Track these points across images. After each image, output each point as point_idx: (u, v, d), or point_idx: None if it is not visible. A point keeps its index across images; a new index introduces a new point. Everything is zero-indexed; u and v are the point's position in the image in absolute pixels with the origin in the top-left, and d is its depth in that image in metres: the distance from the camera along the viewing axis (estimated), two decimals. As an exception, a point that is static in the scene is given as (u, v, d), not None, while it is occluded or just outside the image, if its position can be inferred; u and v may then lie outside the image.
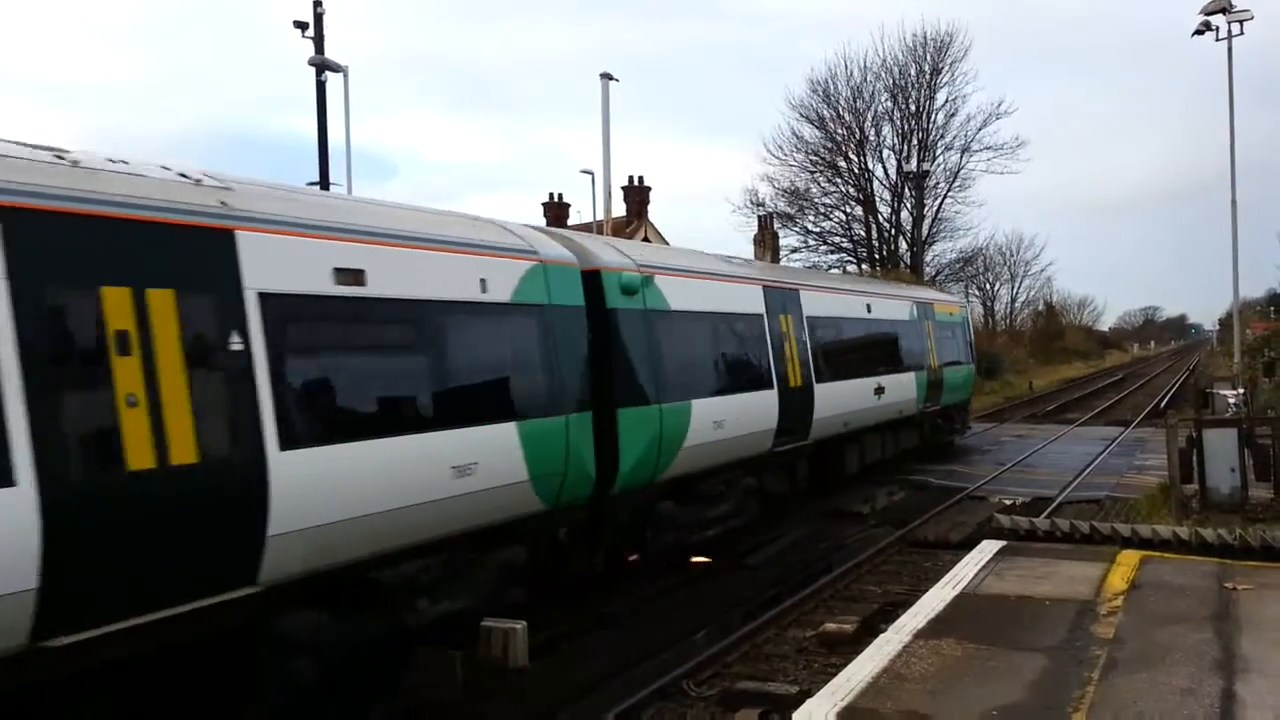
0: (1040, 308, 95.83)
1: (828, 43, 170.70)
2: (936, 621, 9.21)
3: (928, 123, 55.22)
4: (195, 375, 6.92)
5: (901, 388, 21.37)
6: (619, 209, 40.27)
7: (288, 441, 7.45)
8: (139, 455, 6.48)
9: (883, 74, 54.70)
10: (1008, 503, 18.52)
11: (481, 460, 9.34)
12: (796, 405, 16.06)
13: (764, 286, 16.15)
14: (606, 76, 28.91)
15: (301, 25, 23.45)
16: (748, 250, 49.78)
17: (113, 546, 6.33)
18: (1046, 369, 70.80)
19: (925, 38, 54.49)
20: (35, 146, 6.84)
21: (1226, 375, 35.90)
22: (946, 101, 55.18)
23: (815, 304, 17.79)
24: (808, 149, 55.51)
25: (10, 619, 5.83)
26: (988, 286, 79.63)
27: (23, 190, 6.20)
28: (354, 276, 8.33)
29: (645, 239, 38.75)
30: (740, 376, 14.73)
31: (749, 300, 15.44)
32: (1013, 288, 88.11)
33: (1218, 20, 28.42)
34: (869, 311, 20.60)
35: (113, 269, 6.55)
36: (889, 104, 55.28)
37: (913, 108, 55.03)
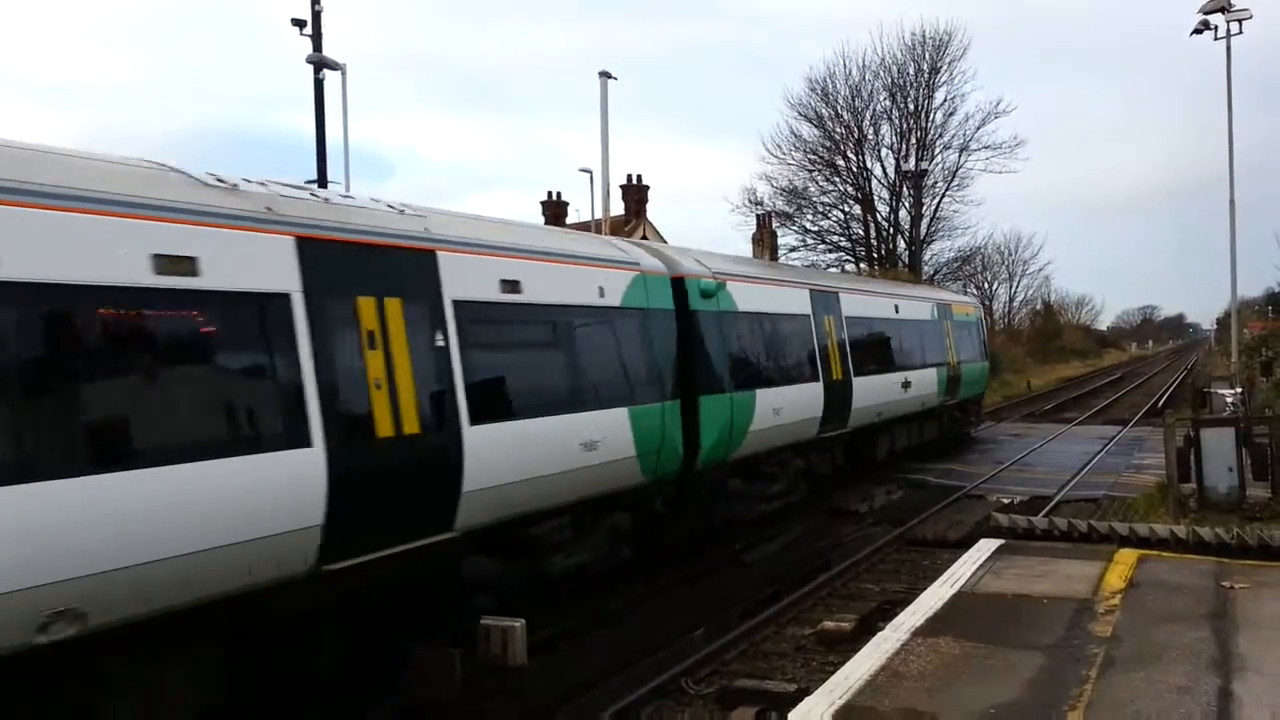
0: (1038, 307, 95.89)
1: (827, 42, 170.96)
2: (934, 620, 9.22)
3: (926, 122, 55.20)
4: (416, 365, 8.87)
5: (925, 382, 23.01)
6: (617, 208, 40.32)
7: (475, 418, 9.42)
8: (384, 426, 8.43)
9: (881, 73, 54.68)
10: (1006, 501, 18.54)
11: (602, 438, 11.28)
12: (838, 396, 17.82)
13: (810, 290, 18.05)
14: (605, 75, 28.90)
15: (299, 23, 23.42)
16: (746, 249, 49.80)
17: (367, 494, 8.14)
18: (1044, 368, 70.82)
19: (924, 37, 54.45)
20: (289, 184, 8.81)
21: (1224, 375, 35.90)
22: (945, 100, 55.18)
23: (852, 305, 19.56)
24: (806, 148, 55.49)
25: (303, 548, 7.63)
26: (986, 286, 79.55)
27: (308, 224, 8.15)
28: (513, 286, 10.38)
29: (644, 238, 38.77)
30: (793, 370, 16.53)
31: (799, 302, 17.32)
32: (1011, 287, 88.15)
33: (1216, 19, 28.43)
34: (896, 312, 22.26)
35: (363, 282, 8.50)
36: (887, 103, 55.27)
37: (911, 107, 55.00)
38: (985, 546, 12.25)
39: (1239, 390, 22.57)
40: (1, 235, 6.01)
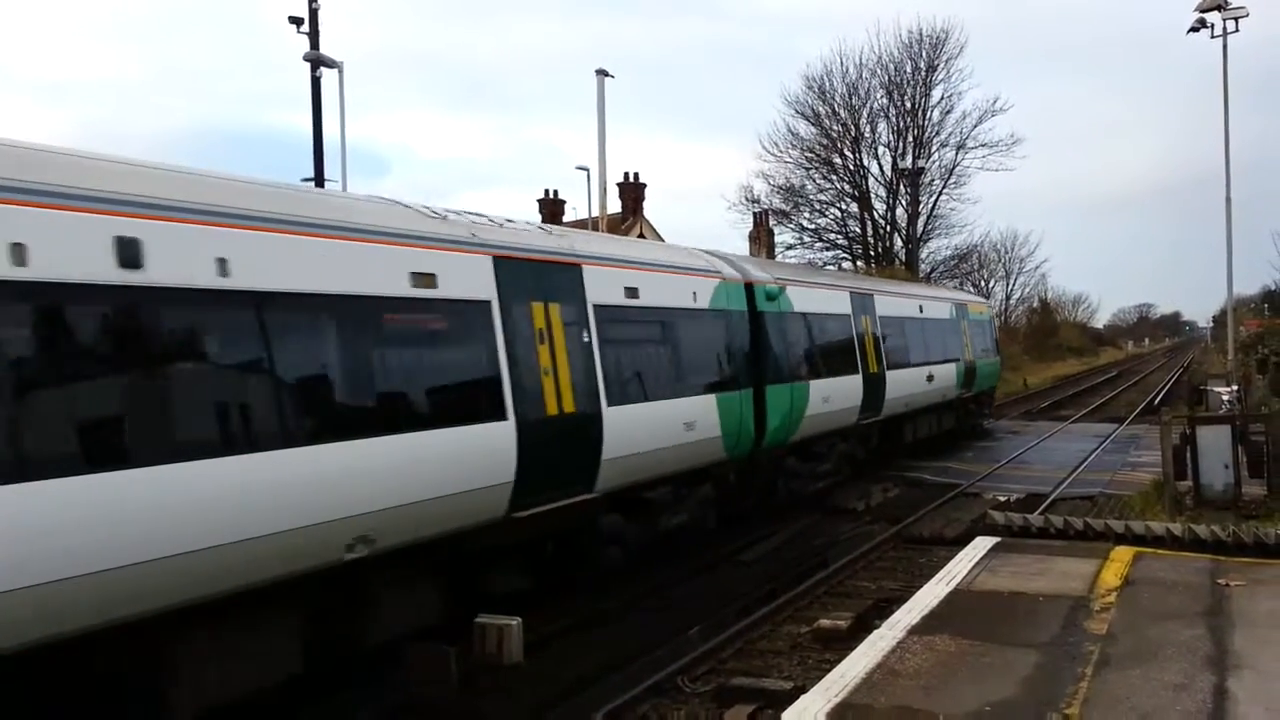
0: (1035, 305, 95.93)
1: (824, 40, 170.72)
2: (930, 617, 9.23)
3: (923, 119, 55.26)
4: (571, 357, 11.19)
5: (946, 375, 25.20)
6: (614, 205, 40.30)
7: (610, 401, 11.71)
8: (551, 405, 10.73)
9: (879, 71, 54.73)
10: (1002, 499, 18.56)
11: (697, 420, 13.56)
12: (874, 387, 20.01)
13: (850, 292, 20.23)
14: (602, 73, 28.90)
15: (297, 21, 23.39)
16: (743, 247, 49.79)
17: (542, 459, 10.37)
18: (1041, 366, 70.87)
19: (921, 34, 54.52)
20: (475, 215, 10.90)
21: (1220, 372, 35.97)
22: (942, 98, 55.23)
23: (885, 306, 21.73)
24: (803, 146, 55.54)
25: (500, 498, 9.86)
26: (982, 283, 79.53)
27: (499, 245, 10.45)
28: (633, 293, 12.72)
29: (640, 235, 38.76)
30: (838, 363, 18.67)
31: (841, 303, 19.57)
32: (1007, 285, 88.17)
33: (1213, 17, 28.45)
34: (921, 311, 24.44)
35: (535, 290, 10.75)
36: (885, 101, 55.32)
37: (908, 104, 55.06)
38: (981, 544, 12.26)
39: (1235, 388, 22.64)
40: (336, 260, 8.43)
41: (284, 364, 7.91)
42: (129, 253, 6.72)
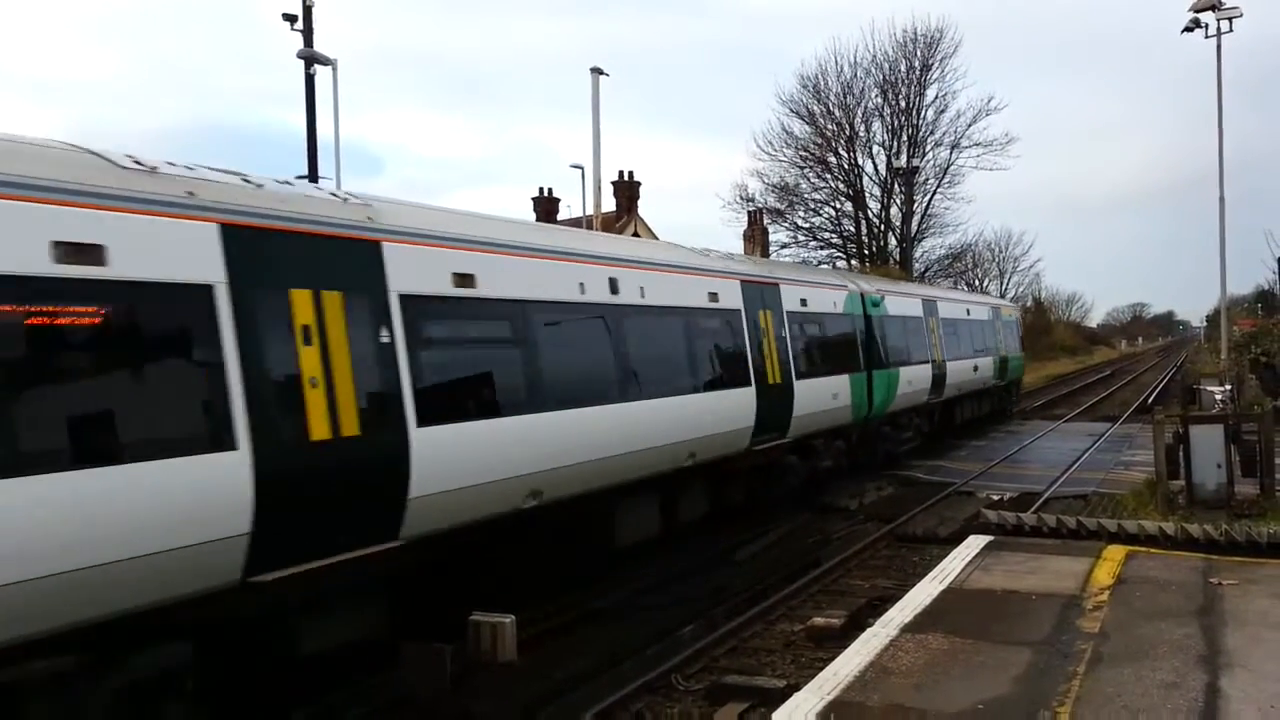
0: (1029, 304, 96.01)
1: (818, 39, 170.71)
2: (923, 616, 9.24)
3: (918, 119, 55.33)
4: (779, 345, 16.35)
5: (985, 367, 30.25)
6: (609, 204, 40.26)
7: (797, 376, 16.70)
8: (774, 376, 15.95)
9: (873, 70, 54.79)
10: (995, 498, 18.57)
11: (839, 393, 18.56)
12: (938, 375, 24.90)
13: (922, 299, 25.44)
14: (597, 71, 28.84)
15: (290, 18, 23.36)
16: (738, 245, 49.80)
17: (765, 414, 15.41)
18: (1034, 365, 70.90)
19: (915, 34, 54.56)
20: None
21: (1213, 372, 36.02)
22: (936, 98, 55.30)
23: (945, 309, 26.85)
24: (798, 144, 55.55)
25: (746, 437, 14.23)
26: (976, 283, 79.60)
27: (747, 273, 14.96)
28: (804, 302, 17.87)
29: (635, 234, 38.74)
30: (915, 355, 23.40)
31: (917, 308, 24.59)
32: (1001, 284, 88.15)
33: (1207, 18, 28.54)
34: (968, 314, 29.58)
35: (757, 301, 15.90)
36: (879, 100, 55.36)
37: (903, 104, 55.11)
38: (974, 543, 12.28)
39: (1228, 387, 22.65)
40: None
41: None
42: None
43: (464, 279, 9.60)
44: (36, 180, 6.31)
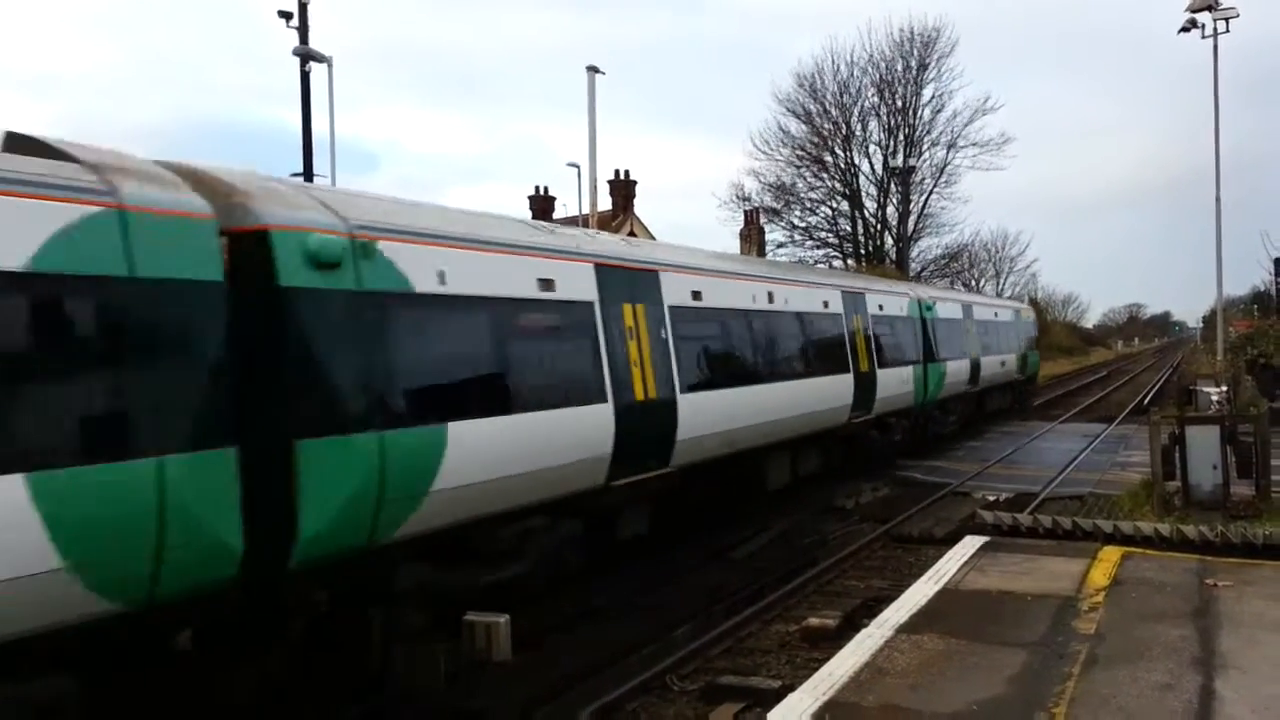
0: (1025, 304, 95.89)
1: (815, 38, 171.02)
2: (918, 616, 9.25)
3: (914, 118, 55.44)
4: (884, 342, 20.97)
5: (1010, 362, 34.43)
6: (604, 203, 40.24)
7: (879, 365, 20.53)
8: (864, 364, 19.52)
9: (870, 69, 54.91)
10: (991, 499, 18.57)
11: (906, 380, 22.43)
12: (974, 368, 28.90)
13: (961, 304, 29.95)
14: (593, 69, 28.84)
15: (286, 15, 23.34)
16: (734, 245, 49.79)
17: (859, 394, 18.91)
18: (1031, 365, 70.87)
19: (912, 33, 54.67)
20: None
21: (1209, 373, 36.04)
22: (933, 97, 55.44)
23: (978, 312, 31.25)
24: (794, 144, 55.64)
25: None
26: (973, 283, 79.64)
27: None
28: (883, 307, 21.98)
29: (631, 233, 38.73)
30: (956, 350, 27.29)
31: (958, 311, 28.81)
32: (998, 284, 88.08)
33: (1203, 18, 28.56)
34: (995, 316, 34.17)
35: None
36: (875, 99, 55.47)
37: (899, 103, 55.22)
38: (970, 543, 12.29)
39: (1224, 388, 22.65)
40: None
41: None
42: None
43: (696, 294, 14.09)
44: (530, 242, 10.90)
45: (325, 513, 7.62)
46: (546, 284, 10.64)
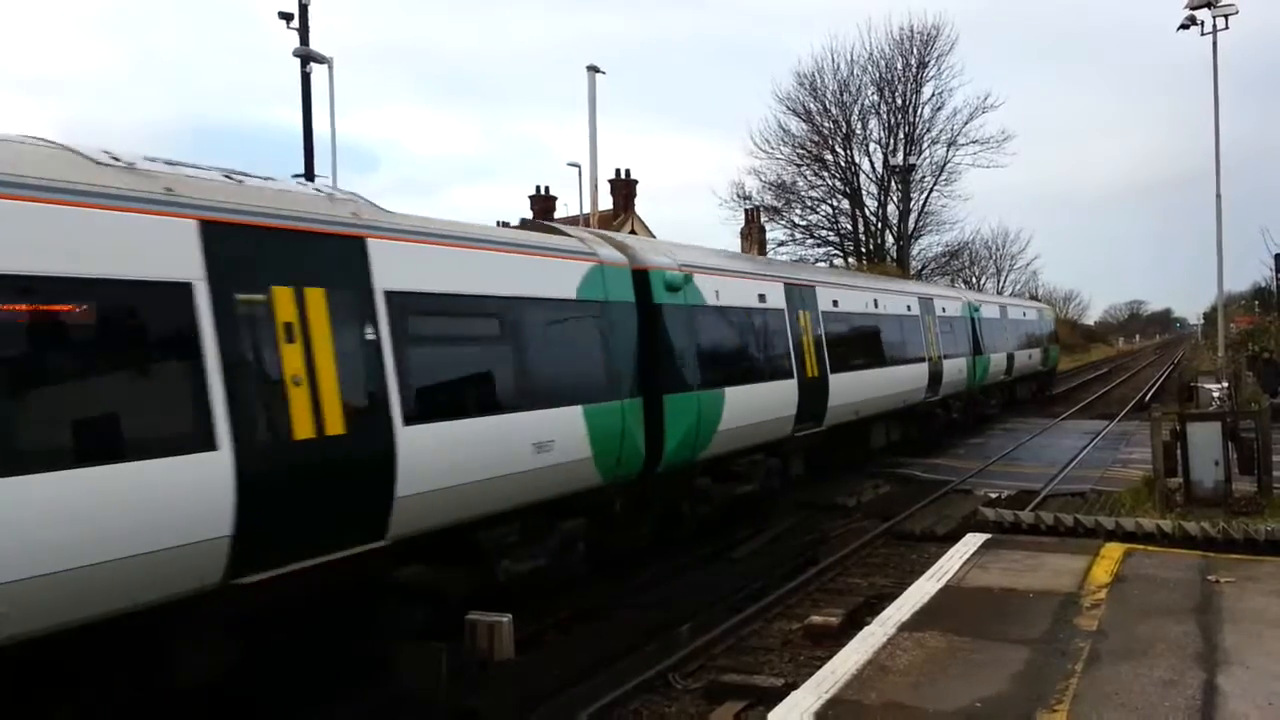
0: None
1: (815, 36, 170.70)
2: (921, 614, 9.24)
3: (914, 116, 55.42)
4: (944, 339, 26.17)
5: (1037, 355, 40.36)
6: (605, 202, 40.25)
7: (941, 358, 25.64)
8: (933, 352, 25.00)
9: (870, 67, 54.87)
10: (993, 496, 18.58)
11: (962, 369, 27.22)
12: (1010, 360, 34.22)
13: (999, 305, 35.46)
14: (593, 69, 28.85)
15: (286, 16, 23.33)
16: (734, 243, 49.80)
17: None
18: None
19: (912, 31, 54.66)
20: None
21: (1211, 369, 36.05)
22: (933, 95, 55.43)
23: (1012, 312, 37.05)
24: (794, 142, 55.59)
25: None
26: (974, 280, 79.63)
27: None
28: (943, 310, 27.38)
29: (632, 232, 38.75)
30: (999, 346, 32.47)
31: (997, 311, 33.91)
32: (999, 282, 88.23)
33: (1203, 15, 28.53)
34: (1024, 316, 40.09)
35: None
36: (875, 97, 55.44)
37: (899, 101, 55.20)
38: (972, 541, 12.27)
39: (1225, 385, 22.69)
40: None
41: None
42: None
43: (835, 302, 18.81)
44: (752, 270, 16.86)
45: (676, 438, 12.95)
46: (762, 297, 16.02)
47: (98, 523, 6.34)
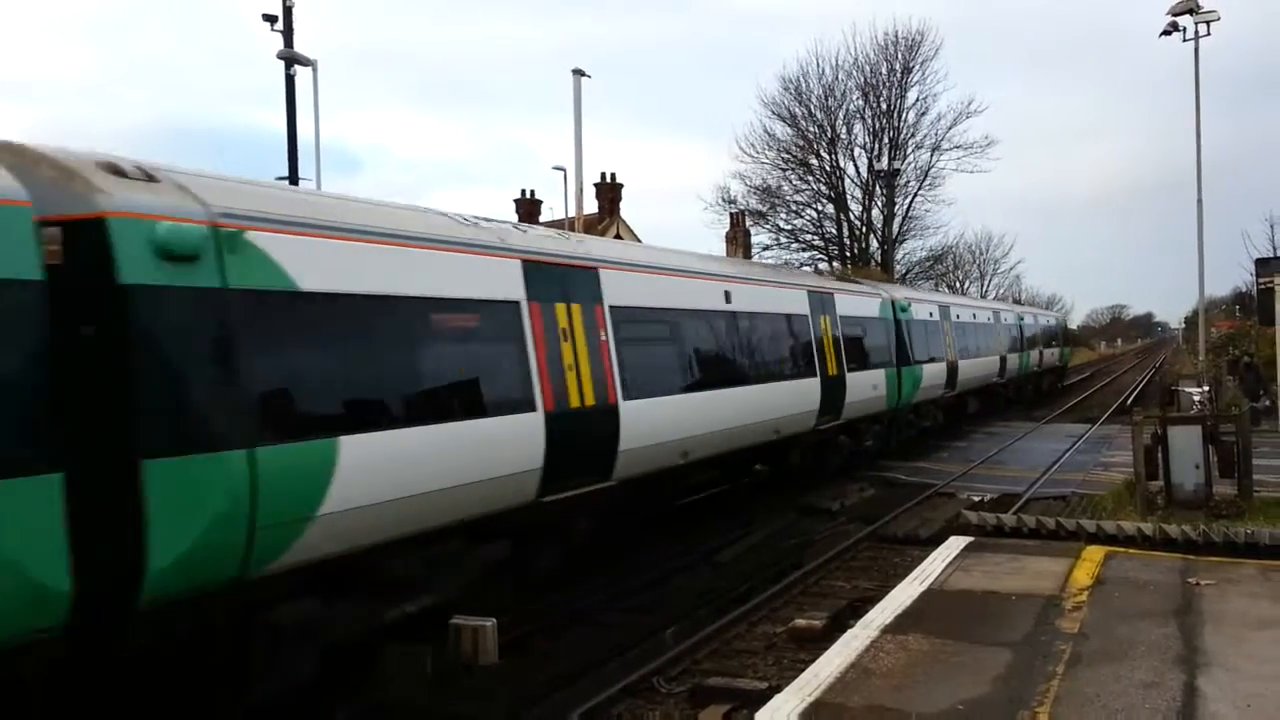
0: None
1: (800, 40, 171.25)
2: (904, 617, 9.28)
3: (899, 121, 55.47)
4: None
5: (1053, 353, 48.99)
6: (591, 206, 40.23)
7: (960, 357, 30.27)
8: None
9: (854, 72, 54.91)
10: (975, 499, 18.64)
11: (993, 366, 34.92)
12: (1038, 357, 42.77)
13: (1033, 314, 46.61)
14: (579, 73, 28.85)
15: (271, 19, 23.27)
16: (720, 247, 49.84)
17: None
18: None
19: (896, 36, 54.75)
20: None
21: (1192, 373, 36.29)
22: (917, 100, 55.52)
23: (1041, 319, 46.40)
24: (779, 147, 55.58)
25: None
26: (958, 284, 79.83)
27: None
28: (973, 316, 34.91)
29: (617, 236, 38.75)
30: (1028, 345, 40.85)
31: (1033, 319, 44.52)
32: (982, 286, 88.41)
33: (1185, 21, 28.72)
34: (1036, 321, 46.23)
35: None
36: (860, 102, 55.49)
37: (884, 106, 55.26)
38: (955, 544, 12.33)
39: (1206, 389, 22.84)
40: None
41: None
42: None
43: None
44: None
45: (907, 390, 23.36)
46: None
47: (791, 400, 17.42)
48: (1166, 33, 29.33)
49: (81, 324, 6.56)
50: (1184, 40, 29.09)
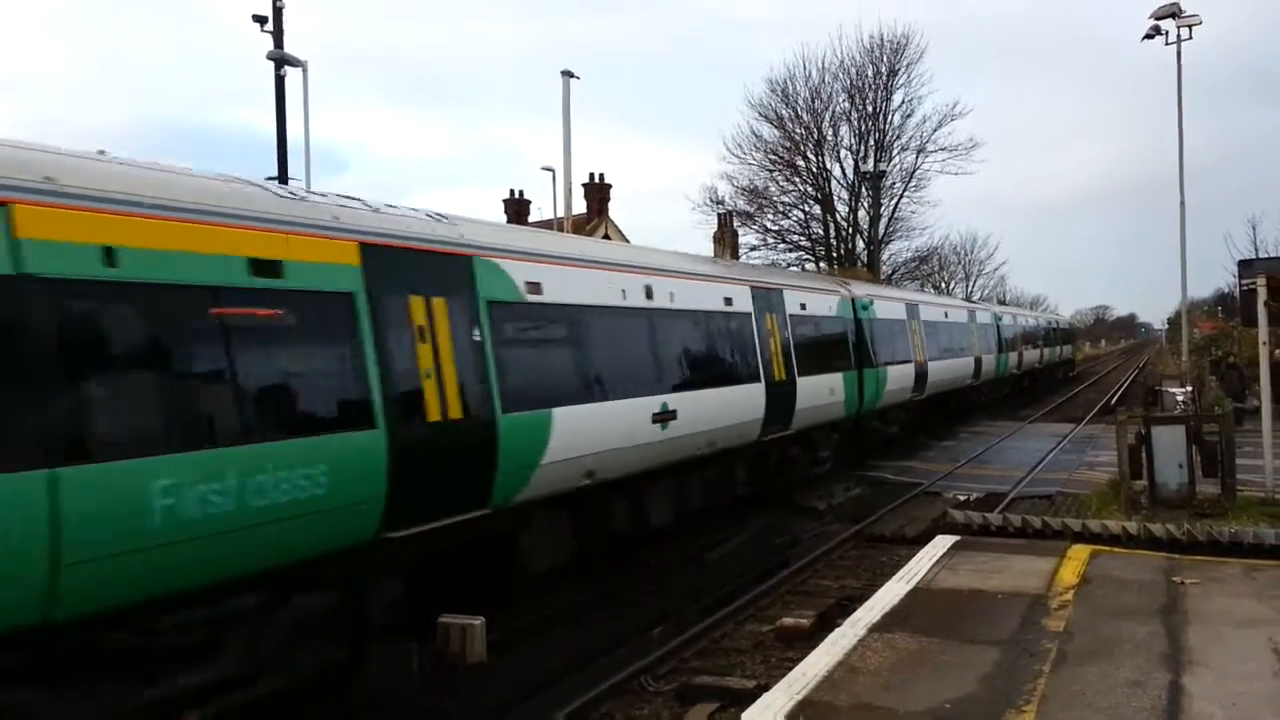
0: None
1: (787, 42, 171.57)
2: (891, 616, 9.31)
3: (884, 123, 55.52)
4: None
5: (1053, 351, 54.45)
6: (579, 206, 40.22)
7: (983, 353, 36.94)
8: (989, 353, 36.34)
9: (841, 75, 54.93)
10: (962, 498, 18.69)
11: (1012, 361, 42.78)
12: (1053, 352, 54.34)
13: (1054, 317, 66.69)
14: (567, 74, 28.81)
15: (261, 19, 23.17)
16: (707, 247, 49.85)
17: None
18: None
19: (882, 39, 54.82)
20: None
21: (1175, 374, 36.48)
22: (903, 103, 55.56)
23: (1052, 321, 61.25)
24: (767, 148, 55.58)
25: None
26: (943, 285, 80.00)
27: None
28: (1010, 319, 45.50)
29: (606, 236, 38.74)
30: (1036, 344, 48.34)
31: (1035, 321, 51.58)
32: (967, 287, 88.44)
33: (1167, 24, 28.86)
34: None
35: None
36: (846, 105, 55.52)
37: (870, 108, 55.32)
38: (941, 543, 12.37)
39: (1189, 389, 22.95)
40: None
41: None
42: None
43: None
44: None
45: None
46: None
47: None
48: (1149, 36, 29.46)
49: None
50: (1166, 44, 29.25)
